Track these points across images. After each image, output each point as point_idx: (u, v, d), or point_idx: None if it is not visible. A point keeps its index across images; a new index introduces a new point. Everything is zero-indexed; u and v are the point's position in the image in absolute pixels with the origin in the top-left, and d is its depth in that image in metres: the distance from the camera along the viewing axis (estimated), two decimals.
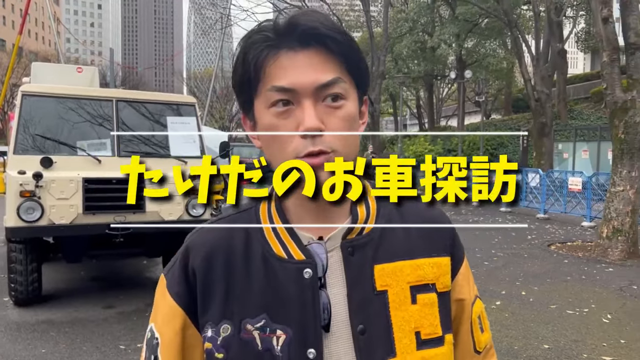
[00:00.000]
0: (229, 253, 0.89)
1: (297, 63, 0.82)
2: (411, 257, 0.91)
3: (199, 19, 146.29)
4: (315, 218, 0.89)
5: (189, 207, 5.73)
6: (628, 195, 8.39)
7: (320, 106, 0.82)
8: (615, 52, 8.39)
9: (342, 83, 0.84)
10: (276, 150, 0.84)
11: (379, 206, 0.94)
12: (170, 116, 6.35)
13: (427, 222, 0.95)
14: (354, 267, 0.87)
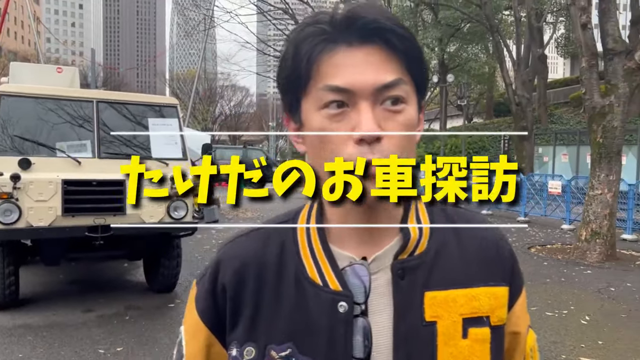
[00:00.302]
0: (261, 269, 0.81)
1: (355, 60, 0.73)
2: (467, 285, 0.80)
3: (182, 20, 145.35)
4: (358, 236, 0.80)
5: (170, 210, 5.68)
6: (606, 199, 8.52)
7: (378, 109, 0.73)
8: (593, 58, 8.53)
9: (404, 85, 0.74)
10: (327, 156, 0.73)
11: (431, 220, 0.84)
12: (152, 117, 6.29)
13: (484, 245, 0.85)
14: (403, 293, 0.78)
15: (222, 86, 55.14)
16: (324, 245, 0.80)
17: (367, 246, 0.80)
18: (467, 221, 0.86)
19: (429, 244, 0.81)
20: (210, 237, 10.66)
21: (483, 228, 0.87)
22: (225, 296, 0.82)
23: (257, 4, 26.77)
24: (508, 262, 0.86)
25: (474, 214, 0.88)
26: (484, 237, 0.85)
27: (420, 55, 0.77)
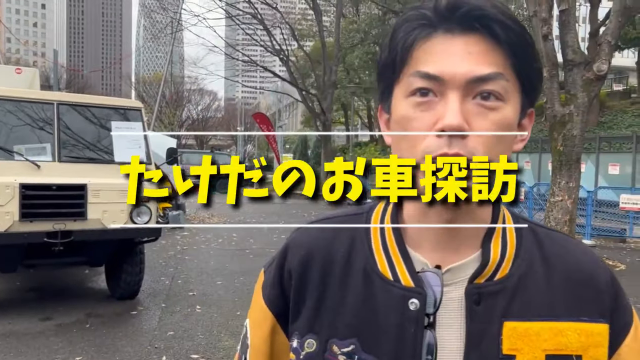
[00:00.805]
0: (328, 259, 0.77)
1: (452, 49, 0.68)
2: (553, 319, 0.72)
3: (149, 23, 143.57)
4: (436, 241, 0.74)
5: (133, 215, 5.57)
6: (566, 205, 8.75)
7: (469, 103, 0.68)
8: (554, 68, 8.77)
9: (503, 81, 0.68)
10: (404, 148, 0.70)
11: (518, 242, 0.76)
12: (116, 121, 6.17)
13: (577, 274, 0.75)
14: (478, 320, 0.71)
15: (189, 90, 54.52)
16: (400, 244, 0.75)
17: (444, 254, 0.74)
18: (561, 247, 0.78)
19: (512, 268, 0.74)
20: (175, 242, 10.50)
21: (579, 255, 0.77)
22: (291, 282, 0.79)
23: (225, 8, 26.62)
24: (607, 295, 0.75)
25: (569, 239, 0.81)
26: (578, 266, 0.76)
27: (530, 51, 0.70)
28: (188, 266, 8.39)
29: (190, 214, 15.19)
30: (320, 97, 25.40)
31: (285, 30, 27.68)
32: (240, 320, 5.64)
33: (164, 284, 7.20)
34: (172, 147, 7.23)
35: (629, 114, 27.41)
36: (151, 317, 5.75)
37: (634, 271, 8.68)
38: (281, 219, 13.96)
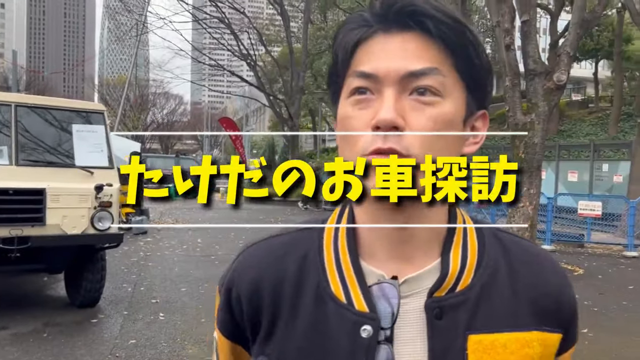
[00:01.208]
0: (279, 279, 0.74)
1: (389, 47, 0.68)
2: (519, 328, 0.70)
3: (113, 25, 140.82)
4: (391, 250, 0.71)
5: (94, 221, 5.44)
6: (527, 211, 8.95)
7: (405, 100, 0.67)
8: (516, 78, 9.00)
9: (439, 76, 0.67)
10: (345, 147, 0.69)
11: (481, 249, 0.74)
12: (77, 124, 6.02)
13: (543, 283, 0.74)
14: (441, 335, 0.68)
15: (154, 93, 53.74)
16: (353, 258, 0.71)
17: (400, 264, 0.71)
18: (527, 254, 0.76)
19: (474, 278, 0.71)
20: (138, 248, 10.29)
21: (545, 264, 0.76)
22: (241, 306, 0.76)
23: (192, 12, 26.37)
24: (569, 308, 0.75)
25: (535, 246, 0.79)
26: (544, 275, 0.75)
27: (467, 46, 0.69)
28: (151, 273, 8.23)
29: (154, 219, 14.93)
30: (287, 102, 25.39)
31: (252, 35, 27.59)
32: (204, 328, 5.55)
33: (126, 291, 7.04)
34: (135, 152, 7.09)
35: (586, 123, 28.33)
36: (112, 325, 5.61)
37: (590, 275, 8.94)
38: (247, 224, 13.86)
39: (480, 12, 32.11)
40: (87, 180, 5.53)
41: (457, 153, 0.70)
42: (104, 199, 5.53)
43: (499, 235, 0.77)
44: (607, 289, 7.89)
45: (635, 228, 11.52)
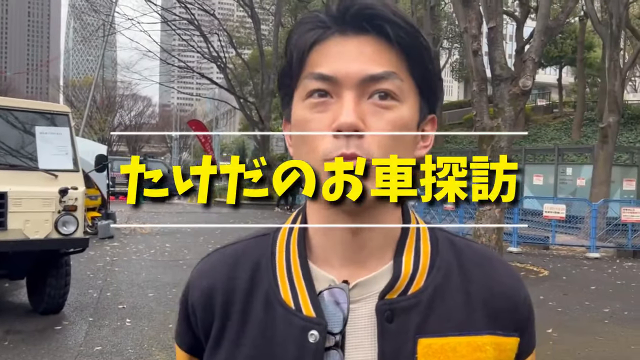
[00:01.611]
0: (230, 288, 0.74)
1: (346, 50, 0.67)
2: (471, 332, 0.69)
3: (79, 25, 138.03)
4: (343, 255, 0.71)
5: (58, 225, 5.29)
6: (494, 214, 9.11)
7: (364, 103, 0.66)
8: (483, 83, 9.17)
9: (397, 80, 0.67)
10: (304, 152, 0.68)
11: (434, 251, 0.73)
12: (41, 126, 5.85)
13: (496, 286, 0.73)
14: (391, 339, 0.67)
15: (121, 95, 52.79)
16: (303, 263, 0.71)
17: (352, 268, 0.70)
18: (481, 257, 0.76)
19: (427, 280, 0.71)
20: (104, 253, 10.08)
21: (499, 267, 0.76)
22: (196, 317, 0.76)
23: (160, 13, 26.06)
24: (524, 310, 0.74)
25: (489, 250, 0.79)
26: (498, 277, 0.74)
27: (423, 53, 0.69)
28: (118, 278, 8.07)
29: (120, 223, 14.66)
30: (258, 105, 25.29)
31: (223, 37, 27.42)
32: (172, 334, 5.45)
33: (92, 296, 6.88)
34: (101, 154, 6.95)
35: (551, 128, 29.06)
36: (77, 332, 5.47)
37: (555, 277, 9.16)
38: (217, 228, 13.72)
39: (449, 18, 32.63)
40: (51, 183, 5.39)
41: (412, 156, 0.69)
42: (68, 202, 5.40)
43: (452, 238, 0.77)
44: (570, 289, 8.09)
45: (598, 230, 11.85)
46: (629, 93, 36.91)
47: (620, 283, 8.85)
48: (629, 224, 11.95)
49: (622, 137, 23.20)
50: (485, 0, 9.21)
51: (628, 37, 23.91)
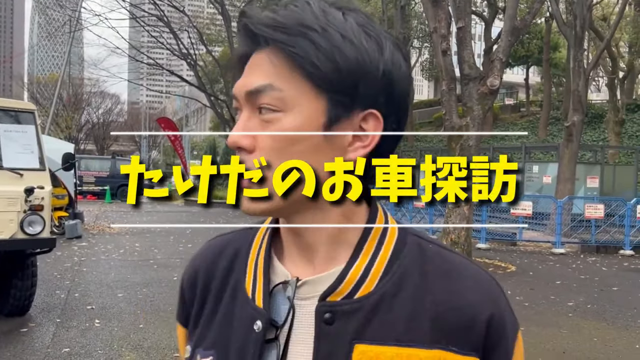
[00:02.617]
0: (210, 274, 0.79)
1: (249, 65, 0.69)
2: (412, 344, 0.66)
3: (44, 20, 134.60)
4: (297, 253, 0.72)
5: (24, 225, 5.18)
6: (463, 211, 9.27)
7: (256, 118, 0.67)
8: (452, 82, 9.31)
9: (275, 92, 0.65)
10: None
11: (394, 256, 0.70)
12: (5, 123, 5.71)
13: (458, 301, 0.68)
14: (327, 341, 0.67)
15: (89, 92, 51.68)
16: (266, 257, 0.73)
17: (307, 267, 0.71)
18: (448, 267, 0.71)
19: (378, 285, 0.68)
20: (72, 253, 9.88)
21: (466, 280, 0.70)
22: (184, 297, 0.82)
23: (129, 9, 25.61)
24: (481, 329, 0.67)
25: (465, 262, 0.73)
26: (460, 291, 0.69)
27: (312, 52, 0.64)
28: (86, 278, 7.93)
29: (88, 223, 14.39)
30: (229, 103, 25.10)
31: (193, 34, 27.12)
32: (143, 333, 5.40)
33: (59, 297, 6.74)
34: (68, 152, 6.81)
35: (518, 126, 29.68)
36: (44, 333, 5.36)
37: (522, 272, 9.38)
38: (188, 227, 13.59)
39: (419, 17, 32.94)
40: (16, 182, 5.26)
41: (329, 160, 0.66)
42: (34, 202, 5.28)
43: (423, 244, 0.73)
44: (537, 284, 8.30)
45: (563, 226, 12.18)
46: (593, 93, 37.93)
47: (584, 277, 9.12)
48: (592, 220, 12.31)
49: (586, 136, 23.86)
50: (454, 1, 9.35)
51: (591, 39, 24.58)
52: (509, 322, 0.71)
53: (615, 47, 25.94)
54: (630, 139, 24.07)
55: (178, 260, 9.58)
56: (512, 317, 0.72)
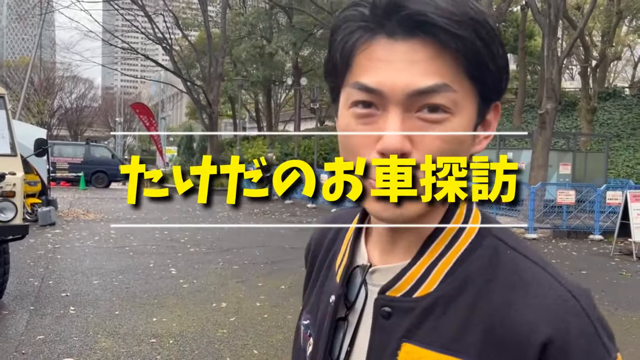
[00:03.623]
0: (319, 244, 0.87)
1: (394, 56, 0.61)
2: (457, 354, 0.63)
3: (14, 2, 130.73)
4: (379, 239, 0.73)
5: None
6: None
7: (412, 118, 0.61)
8: None
9: (450, 92, 0.61)
10: (348, 158, 0.65)
11: (459, 261, 0.67)
12: None
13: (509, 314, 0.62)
14: (382, 334, 0.68)
15: (61, 77, 50.53)
16: (354, 239, 0.78)
17: (384, 254, 0.72)
18: (519, 280, 0.64)
19: (439, 286, 0.66)
20: (46, 241, 9.74)
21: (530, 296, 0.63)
22: (306, 264, 0.91)
23: None
24: (542, 354, 0.60)
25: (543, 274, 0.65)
26: (518, 307, 0.62)
27: (481, 52, 0.61)
28: (60, 266, 7.84)
29: (62, 210, 14.17)
30: (206, 88, 24.86)
31: (168, 18, 26.67)
32: (119, 320, 5.38)
33: (33, 285, 6.66)
34: (41, 138, 6.69)
35: None
36: (17, 321, 5.30)
37: None
38: (164, 214, 13.51)
39: None
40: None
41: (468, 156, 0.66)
42: (6, 188, 5.19)
43: (501, 248, 0.68)
44: None
45: (535, 212, 12.42)
46: (566, 81, 38.52)
47: (555, 262, 9.34)
48: (564, 205, 12.58)
49: (560, 123, 24.27)
50: None
51: (565, 27, 24.91)
52: (583, 351, 0.60)
53: (588, 36, 26.36)
54: (602, 126, 24.57)
55: (154, 247, 9.52)
56: (593, 347, 0.61)
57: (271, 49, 28.61)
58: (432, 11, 0.59)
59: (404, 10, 0.60)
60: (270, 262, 8.51)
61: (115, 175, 25.66)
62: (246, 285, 7.04)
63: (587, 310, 0.62)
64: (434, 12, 0.59)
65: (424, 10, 0.59)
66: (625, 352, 5.00)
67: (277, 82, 35.56)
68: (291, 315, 5.70)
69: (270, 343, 4.94)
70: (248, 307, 6.04)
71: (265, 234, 11.29)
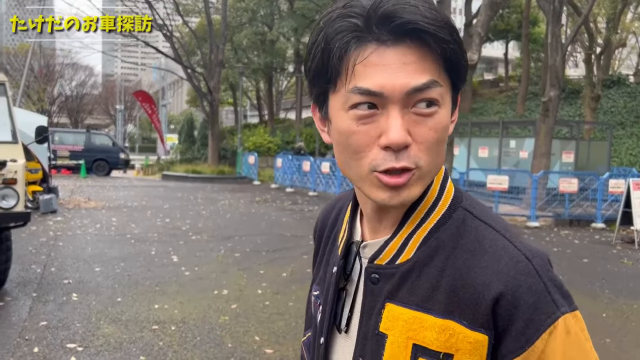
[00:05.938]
0: (324, 223, 0.97)
1: (387, 61, 0.68)
2: (427, 311, 0.73)
3: None
4: (368, 217, 0.83)
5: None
6: None
7: (408, 114, 0.70)
8: None
9: (438, 87, 0.70)
10: (350, 160, 0.73)
11: (433, 230, 0.77)
12: None
13: (471, 271, 0.72)
14: (371, 297, 0.79)
15: (61, 64, 50.30)
16: (351, 217, 0.87)
17: (372, 230, 0.83)
18: (479, 246, 0.74)
19: (415, 254, 0.76)
20: (47, 228, 9.76)
21: (487, 257, 0.72)
22: (314, 242, 1.02)
23: None
24: (494, 308, 0.69)
25: (499, 238, 0.74)
26: (476, 268, 0.72)
27: (460, 51, 0.72)
28: (62, 253, 7.85)
29: (63, 197, 14.18)
30: (207, 75, 24.73)
31: (168, 4, 26.49)
32: (121, 307, 5.40)
33: (35, 272, 6.68)
34: (41, 126, 6.65)
35: (497, 102, 29.84)
36: (20, 307, 5.32)
37: None
38: (165, 202, 13.49)
39: None
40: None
41: None
42: (7, 175, 5.18)
43: (469, 219, 0.77)
44: None
45: (538, 200, 12.40)
46: (570, 68, 38.28)
47: (557, 250, 9.34)
48: (566, 194, 12.56)
49: (563, 111, 24.15)
50: None
51: (570, 14, 24.69)
52: (531, 306, 0.68)
53: (593, 23, 26.11)
54: (606, 114, 24.41)
55: (156, 234, 9.53)
56: (542, 303, 0.68)
57: (272, 35, 28.43)
58: (421, 20, 0.68)
59: (397, 20, 0.68)
60: (271, 250, 8.52)
61: (116, 163, 25.66)
62: (248, 272, 7.04)
63: (538, 270, 0.71)
64: (422, 21, 0.68)
65: (414, 19, 0.68)
66: (625, 340, 5.01)
67: (278, 69, 35.39)
68: (292, 303, 5.71)
69: (271, 330, 4.95)
70: (250, 294, 6.05)
71: (267, 222, 11.29)
